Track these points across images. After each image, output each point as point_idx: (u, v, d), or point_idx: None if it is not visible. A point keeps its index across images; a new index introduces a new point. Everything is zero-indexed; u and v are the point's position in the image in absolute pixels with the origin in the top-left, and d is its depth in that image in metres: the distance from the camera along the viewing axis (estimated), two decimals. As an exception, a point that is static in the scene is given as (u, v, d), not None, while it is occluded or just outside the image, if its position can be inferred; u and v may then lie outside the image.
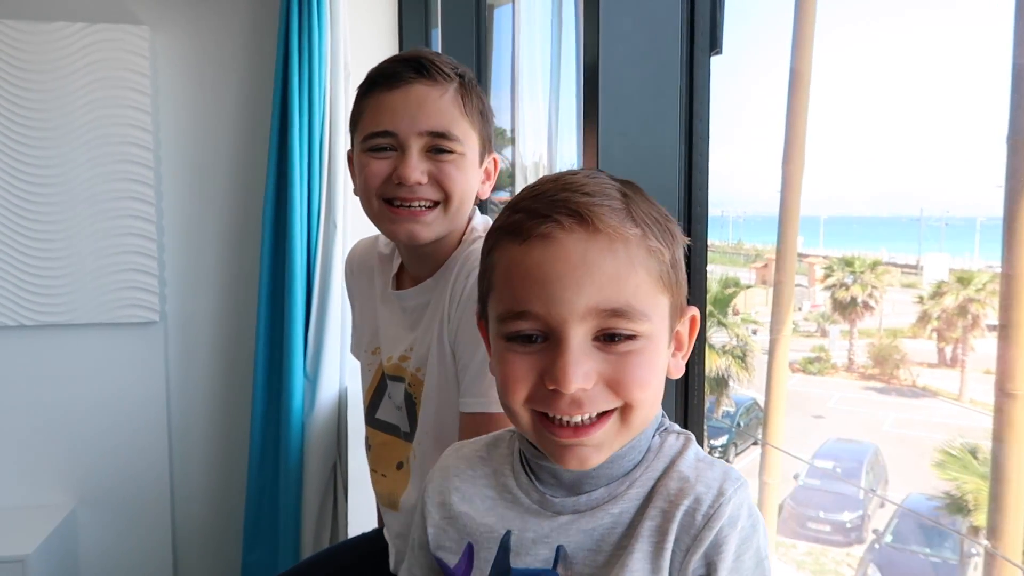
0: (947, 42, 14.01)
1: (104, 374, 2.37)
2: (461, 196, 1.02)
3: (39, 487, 2.36)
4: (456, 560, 0.73)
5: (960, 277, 12.78)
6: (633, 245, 0.63)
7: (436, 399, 1.05)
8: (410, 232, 1.01)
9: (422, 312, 1.09)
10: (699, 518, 0.63)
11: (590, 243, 0.62)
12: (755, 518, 0.65)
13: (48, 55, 2.24)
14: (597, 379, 0.62)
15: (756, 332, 12.85)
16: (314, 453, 2.18)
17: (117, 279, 2.32)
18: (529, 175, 2.24)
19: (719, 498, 0.63)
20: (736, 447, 11.41)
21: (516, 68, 2.23)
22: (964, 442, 8.72)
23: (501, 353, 0.66)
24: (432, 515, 0.76)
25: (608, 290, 0.61)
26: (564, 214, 0.62)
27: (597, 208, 0.62)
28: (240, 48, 2.39)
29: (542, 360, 0.63)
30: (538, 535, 0.69)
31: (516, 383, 0.64)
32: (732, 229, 20.64)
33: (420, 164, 0.99)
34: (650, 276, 0.64)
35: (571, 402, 0.62)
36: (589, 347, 0.62)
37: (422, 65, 1.01)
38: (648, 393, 0.64)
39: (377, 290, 1.20)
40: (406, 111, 0.99)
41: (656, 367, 0.65)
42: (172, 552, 2.46)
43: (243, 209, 2.42)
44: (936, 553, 8.72)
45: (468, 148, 1.02)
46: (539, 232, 0.62)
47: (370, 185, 1.03)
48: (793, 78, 7.66)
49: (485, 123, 1.06)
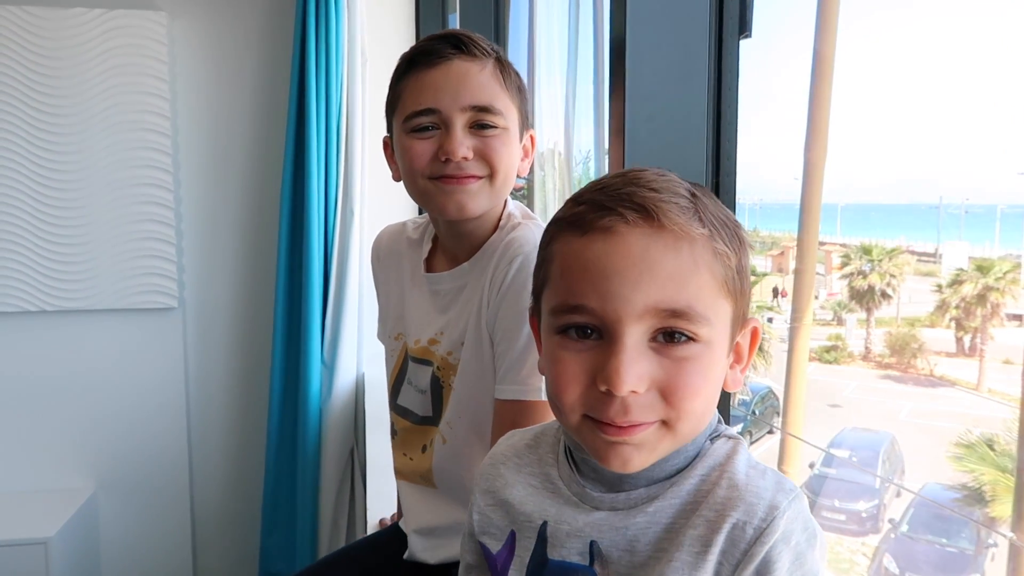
0: (972, 27, 13.84)
1: (123, 360, 2.39)
2: (506, 171, 1.01)
3: (60, 471, 2.39)
4: (499, 547, 0.73)
5: (980, 265, 12.62)
6: (699, 245, 0.60)
7: (473, 384, 1.05)
8: (460, 203, 0.99)
9: (456, 296, 1.08)
10: (750, 532, 0.60)
11: (653, 239, 0.59)
12: (811, 532, 0.61)
13: (67, 41, 2.24)
14: (650, 384, 0.60)
15: (772, 320, 12.76)
16: (331, 438, 2.19)
17: (136, 265, 2.34)
18: (545, 162, 2.22)
19: (772, 511, 0.60)
20: (751, 435, 11.37)
21: (533, 54, 2.21)
22: (981, 433, 8.64)
23: (553, 350, 0.63)
24: (478, 502, 0.76)
25: (669, 289, 0.59)
26: (628, 208, 0.60)
27: (664, 204, 0.60)
28: (257, 34, 2.38)
29: (595, 359, 0.60)
30: (572, 528, 0.68)
31: (568, 384, 0.62)
32: (748, 217, 20.51)
33: (466, 139, 0.98)
34: (715, 279, 0.61)
35: (621, 406, 0.60)
36: (645, 348, 0.60)
37: (460, 41, 1.00)
38: (698, 403, 0.61)
39: (406, 274, 1.19)
40: (447, 87, 0.98)
41: (712, 377, 0.62)
42: (191, 534, 2.49)
43: (261, 195, 2.42)
44: (953, 543, 8.66)
45: (510, 122, 1.01)
46: (601, 225, 0.60)
47: (415, 166, 1.01)
48: (817, 62, 7.53)
49: (523, 99, 1.05)
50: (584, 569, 0.66)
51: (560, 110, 2.09)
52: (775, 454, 10.07)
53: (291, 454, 2.26)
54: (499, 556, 0.73)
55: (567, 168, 2.09)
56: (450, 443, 1.09)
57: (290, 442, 2.26)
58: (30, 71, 2.23)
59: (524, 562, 0.70)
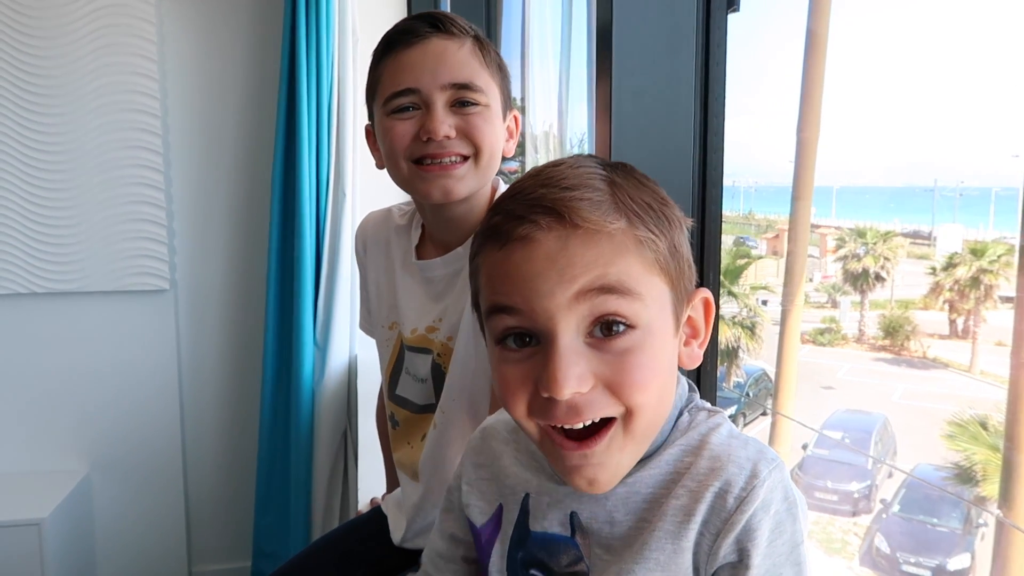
0: (969, 10, 13.75)
1: (115, 341, 2.38)
2: (491, 149, 1.00)
3: (53, 453, 2.39)
4: (485, 520, 0.73)
5: (973, 248, 12.65)
6: (618, 239, 0.59)
7: (471, 365, 1.04)
8: (444, 188, 0.98)
9: (452, 281, 1.07)
10: (731, 501, 0.60)
11: (570, 239, 0.58)
12: (791, 501, 0.61)
13: (55, 21, 2.22)
14: (595, 381, 0.58)
15: (766, 303, 12.80)
16: (324, 420, 2.20)
17: (127, 247, 2.33)
18: (539, 144, 2.21)
19: (752, 480, 0.60)
20: (744, 417, 11.43)
21: (526, 36, 2.20)
22: (974, 413, 8.70)
23: (496, 364, 0.63)
24: (469, 473, 0.76)
25: (593, 271, 0.58)
26: (540, 213, 0.59)
27: (575, 203, 0.59)
28: (248, 14, 2.36)
29: (535, 366, 0.59)
30: (552, 499, 0.68)
31: (514, 394, 0.61)
32: (743, 199, 20.50)
33: (447, 118, 0.97)
34: (642, 262, 0.60)
35: (568, 409, 0.59)
36: (581, 346, 0.59)
37: (437, 19, 0.99)
38: (649, 396, 0.60)
39: (396, 262, 1.17)
40: (425, 65, 0.97)
41: (657, 366, 0.60)
42: (185, 515, 2.50)
43: (252, 176, 2.40)
44: (944, 523, 8.74)
45: (492, 100, 1.00)
46: (517, 235, 0.60)
47: (397, 148, 0.99)
48: (809, 39, 7.48)
49: (504, 78, 1.04)
50: (565, 540, 0.67)
51: (554, 92, 2.08)
52: (767, 435, 10.13)
53: (284, 435, 2.27)
54: (484, 529, 0.73)
55: (561, 151, 2.08)
56: (440, 428, 1.09)
57: (283, 423, 2.27)
58: (17, 51, 2.21)
59: (508, 535, 0.71)
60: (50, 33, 2.22)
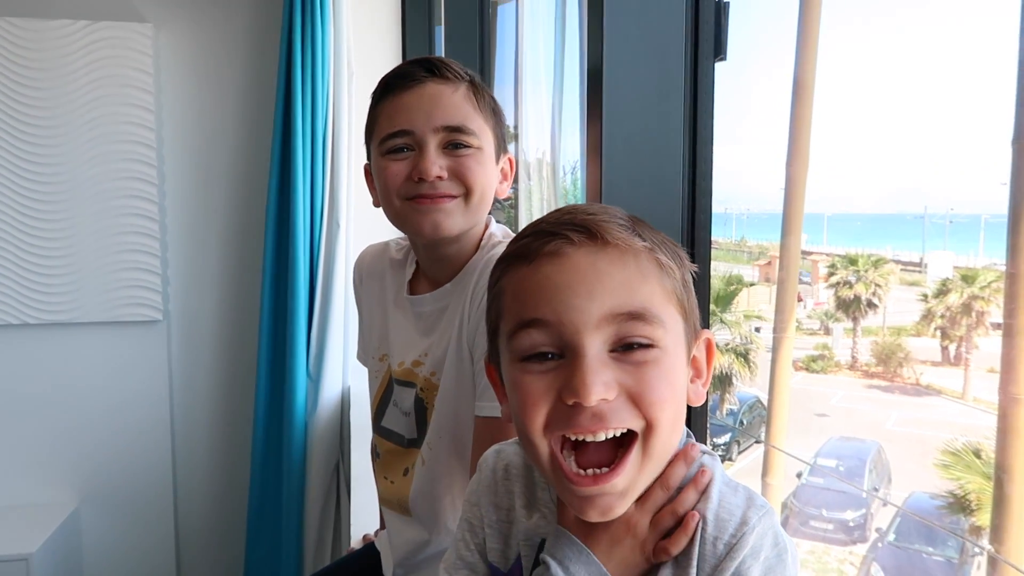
0: (953, 40, 13.92)
1: (107, 373, 2.37)
2: (482, 190, 1.02)
3: (43, 485, 2.37)
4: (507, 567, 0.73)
5: (964, 275, 12.76)
6: (643, 258, 0.62)
7: (454, 402, 1.05)
8: (435, 223, 1.01)
9: (439, 317, 1.09)
10: (720, 547, 0.61)
11: (600, 255, 0.61)
12: (781, 547, 0.62)
13: (51, 53, 2.23)
14: (619, 390, 0.60)
15: (759, 330, 12.84)
16: (317, 453, 2.18)
17: (120, 277, 2.32)
18: (532, 171, 2.23)
19: (742, 527, 0.61)
20: (739, 445, 11.41)
21: (519, 64, 2.23)
22: (967, 441, 8.70)
23: (515, 378, 0.62)
24: (489, 515, 0.75)
25: (622, 295, 0.60)
26: (571, 229, 0.61)
27: (604, 223, 0.62)
28: (243, 46, 2.39)
29: (559, 377, 0.60)
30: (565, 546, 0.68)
31: (534, 405, 0.61)
32: (736, 226, 20.63)
33: (438, 159, 1.00)
34: (663, 289, 0.62)
35: (593, 416, 0.59)
36: (606, 357, 0.60)
37: (434, 65, 1.02)
38: (668, 413, 0.61)
39: (389, 295, 1.19)
40: (420, 108, 1.00)
41: (675, 384, 0.62)
42: (175, 550, 2.47)
43: (246, 207, 2.41)
44: (939, 552, 8.70)
45: (484, 143, 1.02)
46: (547, 250, 0.61)
47: (391, 187, 1.02)
48: (797, 79, 7.64)
49: (498, 122, 1.06)
50: None
51: (547, 119, 2.11)
52: (760, 464, 10.09)
53: (276, 467, 2.25)
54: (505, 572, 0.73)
55: (554, 178, 2.10)
56: (429, 464, 1.09)
57: (275, 456, 2.25)
58: (13, 82, 2.22)
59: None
60: (46, 65, 2.24)
